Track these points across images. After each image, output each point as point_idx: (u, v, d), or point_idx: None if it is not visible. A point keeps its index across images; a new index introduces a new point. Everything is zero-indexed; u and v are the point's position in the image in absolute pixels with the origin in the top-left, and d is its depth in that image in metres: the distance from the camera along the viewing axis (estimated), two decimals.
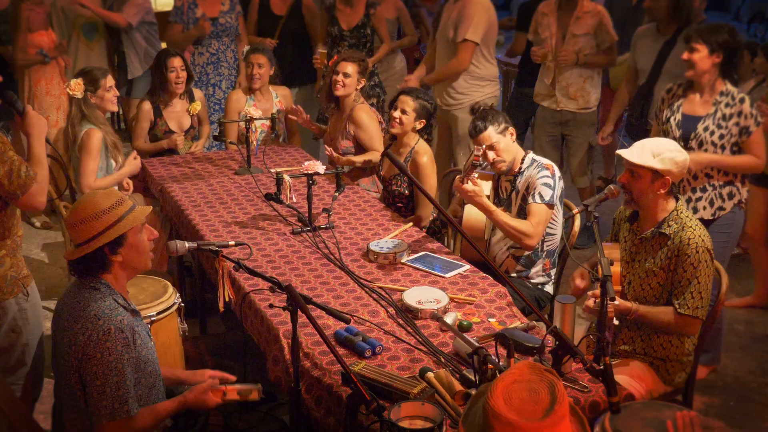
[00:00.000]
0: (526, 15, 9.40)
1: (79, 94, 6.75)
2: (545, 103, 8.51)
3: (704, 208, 5.96)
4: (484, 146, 5.63)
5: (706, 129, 5.88)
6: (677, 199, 4.86)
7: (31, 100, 8.93)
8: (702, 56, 5.87)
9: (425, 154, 6.56)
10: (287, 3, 9.51)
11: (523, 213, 5.68)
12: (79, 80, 6.78)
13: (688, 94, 6.07)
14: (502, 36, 13.28)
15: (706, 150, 5.85)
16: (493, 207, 5.59)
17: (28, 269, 4.94)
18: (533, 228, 5.56)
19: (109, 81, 6.93)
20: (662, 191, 4.74)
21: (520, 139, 9.38)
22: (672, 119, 6.04)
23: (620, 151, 4.84)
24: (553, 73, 8.32)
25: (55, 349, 4.07)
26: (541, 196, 5.58)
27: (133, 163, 7.03)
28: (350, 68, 7.25)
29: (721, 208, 5.98)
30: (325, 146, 7.25)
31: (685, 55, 5.95)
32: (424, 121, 6.59)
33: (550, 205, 5.60)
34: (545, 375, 3.13)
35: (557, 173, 5.68)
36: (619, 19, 8.91)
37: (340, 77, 7.26)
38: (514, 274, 5.84)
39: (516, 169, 5.79)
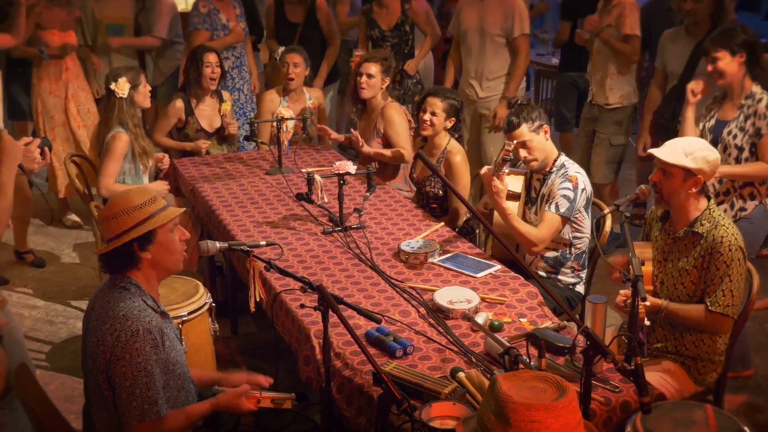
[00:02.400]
0: (569, 3, 9.70)
1: (125, 94, 6.75)
2: (589, 98, 8.60)
3: (725, 210, 5.96)
4: (515, 142, 5.63)
5: (729, 133, 5.90)
6: (709, 199, 4.83)
7: (35, 97, 8.93)
8: (726, 62, 5.90)
9: (458, 154, 6.56)
10: (302, 10, 9.49)
11: None
12: (125, 79, 6.78)
13: (722, 102, 6.09)
14: (547, 34, 13.36)
15: (729, 154, 5.86)
16: (508, 210, 5.58)
17: (0, 294, 4.77)
18: (540, 236, 5.57)
19: (143, 78, 6.97)
20: (694, 190, 4.71)
21: (571, 122, 9.38)
22: (706, 125, 6.06)
23: (652, 150, 4.83)
24: (590, 64, 8.42)
25: (85, 348, 4.09)
26: (557, 206, 5.58)
27: (160, 185, 7.01)
28: (373, 69, 7.25)
29: (742, 209, 5.98)
30: (352, 131, 7.23)
31: (710, 68, 5.97)
32: (453, 119, 6.59)
33: (565, 218, 5.60)
34: (522, 374, 3.24)
35: (581, 185, 5.65)
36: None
37: (363, 78, 7.26)
38: (542, 274, 5.82)
39: (547, 169, 5.79)
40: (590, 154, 8.58)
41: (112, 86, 6.80)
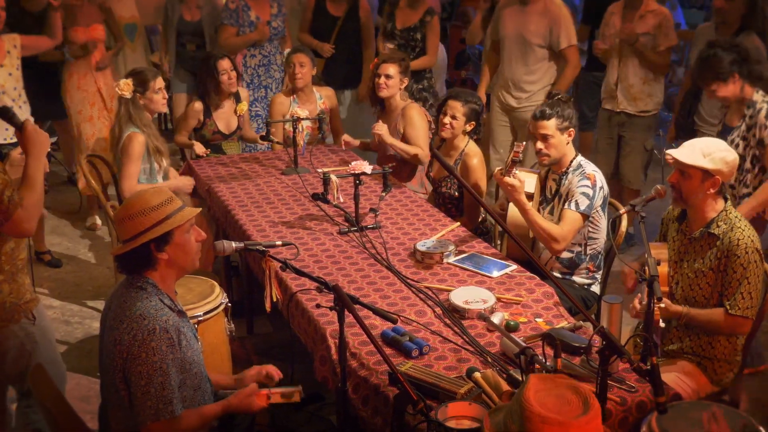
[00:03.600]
0: (590, 8, 9.71)
1: (127, 94, 6.76)
2: (607, 106, 8.51)
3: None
4: (524, 143, 5.61)
5: (732, 141, 5.88)
6: (726, 200, 4.82)
7: (65, 94, 8.97)
8: (723, 89, 6.02)
9: (475, 157, 6.56)
10: (345, 4, 9.46)
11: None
12: (129, 80, 6.80)
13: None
14: None
15: None
16: (528, 205, 5.58)
17: (33, 293, 4.80)
18: (563, 233, 5.55)
19: (159, 83, 6.94)
20: (712, 191, 4.71)
21: (592, 121, 9.35)
22: (715, 130, 6.08)
23: (670, 151, 4.82)
24: (617, 72, 8.31)
25: (102, 348, 4.09)
26: (577, 204, 5.57)
27: (185, 181, 7.03)
28: (392, 69, 7.26)
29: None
30: (374, 128, 7.22)
31: (710, 97, 6.00)
32: (473, 123, 6.59)
33: (585, 215, 5.59)
34: (557, 380, 3.20)
35: (599, 183, 5.65)
36: None
37: (382, 79, 7.28)
38: (557, 274, 5.81)
39: (563, 169, 5.78)
40: (613, 160, 8.55)
41: (116, 86, 6.83)
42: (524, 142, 5.62)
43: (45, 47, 8.28)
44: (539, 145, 5.72)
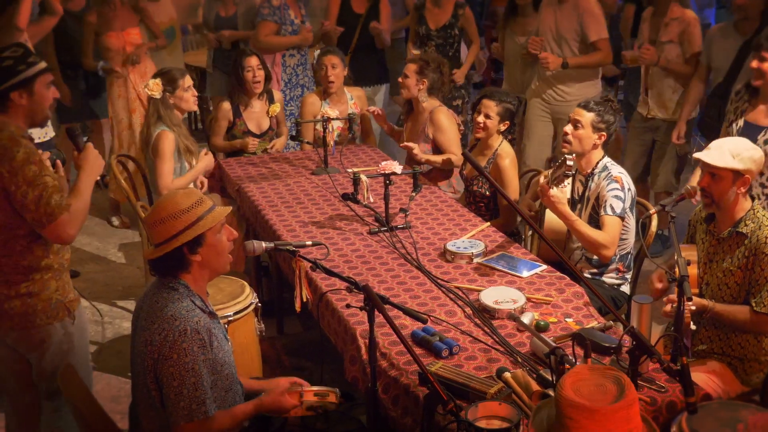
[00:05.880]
0: None
1: (157, 94, 6.78)
2: (640, 110, 8.49)
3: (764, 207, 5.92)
4: (574, 155, 5.59)
5: (766, 142, 5.81)
6: (753, 199, 4.81)
7: (109, 102, 9.04)
8: None
9: (507, 157, 6.56)
10: (366, 1, 9.50)
11: (593, 221, 5.68)
12: (158, 80, 6.82)
13: (753, 101, 6.01)
14: None
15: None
16: (573, 216, 5.56)
17: (75, 293, 4.82)
18: (610, 239, 5.53)
19: (188, 81, 6.97)
20: (743, 190, 4.69)
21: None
22: (734, 125, 5.99)
23: (698, 154, 4.80)
24: (645, 80, 8.29)
25: (133, 348, 4.11)
26: (612, 208, 5.55)
27: (206, 159, 7.05)
28: (408, 69, 7.29)
29: None
30: (407, 144, 7.21)
31: (754, 64, 5.87)
32: (507, 122, 6.59)
33: (621, 217, 5.58)
34: (607, 371, 3.20)
35: (626, 185, 5.64)
36: None
37: (400, 79, 7.30)
38: (587, 275, 5.80)
39: (588, 170, 5.78)
40: (643, 163, 8.54)
41: (145, 87, 6.86)
42: (574, 155, 5.60)
43: (50, 26, 8.24)
44: (567, 128, 5.74)
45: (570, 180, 5.70)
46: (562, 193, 5.51)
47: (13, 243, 4.46)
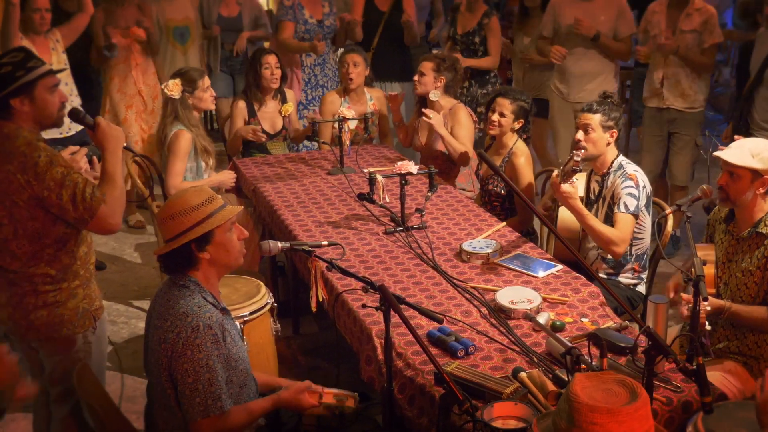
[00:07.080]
0: None
1: (176, 95, 6.80)
2: (652, 104, 8.47)
3: None
4: (582, 151, 5.59)
5: None
6: None
7: (105, 96, 9.06)
8: None
9: (522, 156, 6.56)
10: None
11: (608, 220, 5.67)
12: (177, 81, 6.83)
13: None
14: None
15: None
16: (585, 211, 5.57)
17: (101, 300, 4.83)
18: (622, 236, 5.53)
19: (206, 81, 7.01)
20: (762, 190, 4.68)
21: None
22: None
23: (718, 153, 4.79)
24: (662, 70, 8.27)
25: (147, 348, 4.12)
26: (626, 205, 5.56)
27: (226, 174, 7.08)
28: (425, 67, 7.29)
29: None
30: (426, 110, 7.14)
31: None
32: (522, 120, 6.59)
33: (635, 215, 5.58)
34: (603, 376, 3.22)
35: (641, 183, 5.64)
36: None
37: (416, 76, 7.30)
38: (603, 275, 5.80)
39: (604, 170, 5.78)
40: (661, 158, 8.51)
41: (164, 87, 6.87)
42: (583, 150, 5.61)
43: (83, 24, 8.29)
44: (579, 135, 5.74)
45: (579, 175, 5.69)
46: (573, 188, 5.52)
47: (41, 253, 4.44)
